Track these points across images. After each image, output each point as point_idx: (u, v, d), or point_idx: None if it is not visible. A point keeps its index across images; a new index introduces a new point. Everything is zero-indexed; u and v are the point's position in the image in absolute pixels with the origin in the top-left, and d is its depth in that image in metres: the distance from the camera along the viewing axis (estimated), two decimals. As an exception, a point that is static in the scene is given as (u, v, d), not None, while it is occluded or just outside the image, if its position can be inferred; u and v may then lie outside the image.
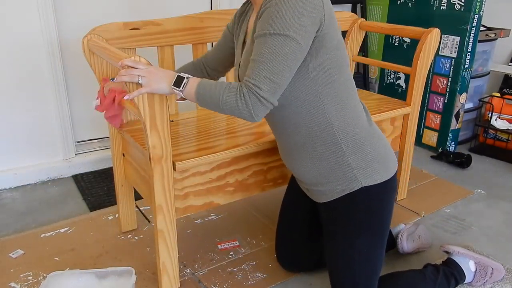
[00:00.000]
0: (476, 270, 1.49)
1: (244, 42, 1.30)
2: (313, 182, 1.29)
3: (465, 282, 1.49)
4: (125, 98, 1.18)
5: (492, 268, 1.49)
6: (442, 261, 1.52)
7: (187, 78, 1.16)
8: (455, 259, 1.49)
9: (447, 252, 1.55)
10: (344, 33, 1.96)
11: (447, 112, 2.53)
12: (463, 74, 2.44)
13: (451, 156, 2.46)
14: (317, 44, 1.13)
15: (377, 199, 1.26)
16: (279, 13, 1.06)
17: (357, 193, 1.24)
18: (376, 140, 1.26)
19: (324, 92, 1.18)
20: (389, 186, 1.27)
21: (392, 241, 1.65)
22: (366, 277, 1.29)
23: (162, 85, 1.17)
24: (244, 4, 1.37)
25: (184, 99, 1.21)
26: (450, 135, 2.56)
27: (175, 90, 1.17)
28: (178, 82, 1.16)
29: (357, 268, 1.28)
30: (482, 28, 2.56)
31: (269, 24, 1.07)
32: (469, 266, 1.48)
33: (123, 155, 1.63)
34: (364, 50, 2.99)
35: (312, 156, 1.25)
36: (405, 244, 1.62)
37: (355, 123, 1.23)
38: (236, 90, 1.10)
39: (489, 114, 2.65)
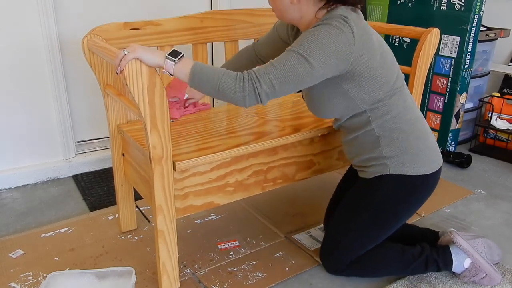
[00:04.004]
0: (468, 268, 1.48)
1: None
2: (357, 165, 1.49)
3: (452, 270, 1.49)
4: (117, 72, 1.15)
5: (485, 274, 1.47)
6: (438, 244, 1.52)
7: (183, 55, 1.20)
8: (451, 250, 1.48)
9: (452, 241, 1.51)
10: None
11: (447, 112, 2.53)
12: (463, 74, 2.44)
13: (451, 156, 2.46)
14: (348, 74, 1.27)
15: (399, 191, 1.40)
16: (310, 39, 1.19)
17: (384, 178, 1.39)
18: (416, 136, 1.38)
19: (361, 99, 1.34)
20: (416, 184, 1.39)
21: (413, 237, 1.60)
22: (348, 247, 1.45)
23: (151, 54, 1.16)
24: None
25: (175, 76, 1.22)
26: (450, 135, 2.56)
27: (168, 61, 1.18)
28: (174, 54, 1.19)
29: (344, 236, 1.45)
30: (482, 28, 2.56)
31: (299, 44, 1.21)
32: (463, 262, 1.48)
33: (123, 155, 1.63)
34: (364, 50, 2.99)
35: (356, 146, 1.44)
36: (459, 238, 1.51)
37: (394, 120, 1.37)
38: (236, 75, 1.20)
39: (489, 114, 2.65)
